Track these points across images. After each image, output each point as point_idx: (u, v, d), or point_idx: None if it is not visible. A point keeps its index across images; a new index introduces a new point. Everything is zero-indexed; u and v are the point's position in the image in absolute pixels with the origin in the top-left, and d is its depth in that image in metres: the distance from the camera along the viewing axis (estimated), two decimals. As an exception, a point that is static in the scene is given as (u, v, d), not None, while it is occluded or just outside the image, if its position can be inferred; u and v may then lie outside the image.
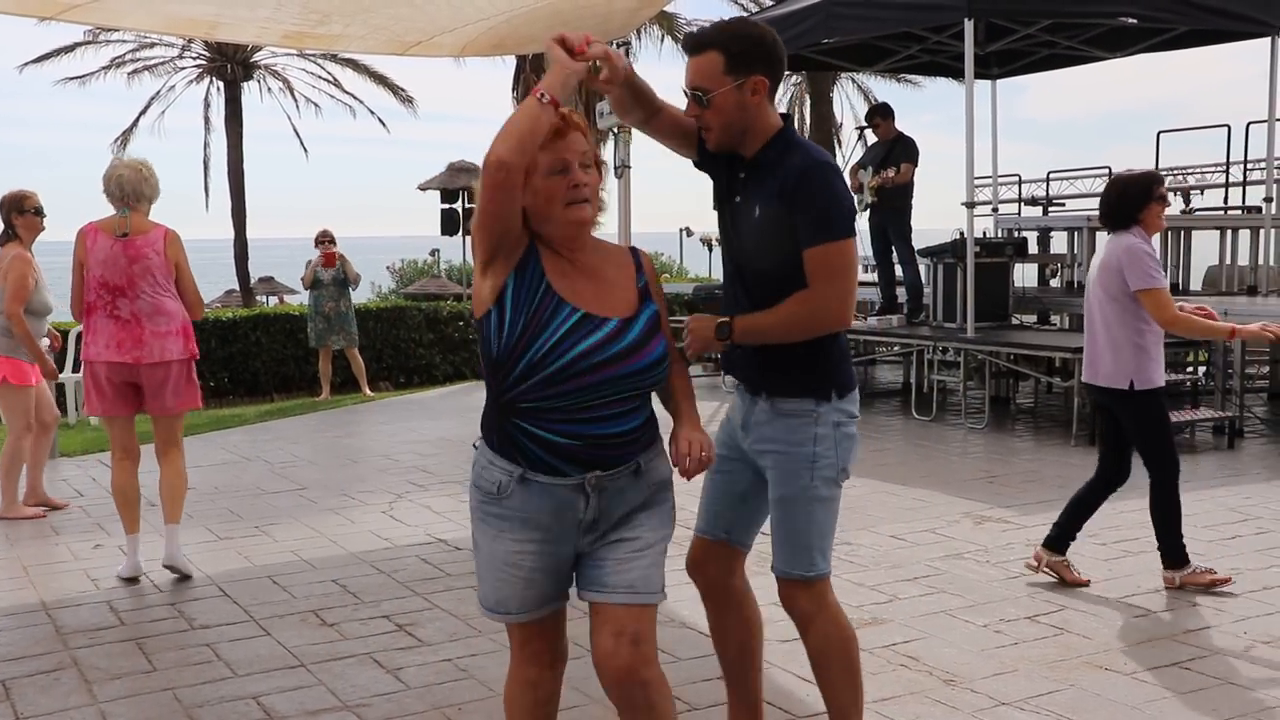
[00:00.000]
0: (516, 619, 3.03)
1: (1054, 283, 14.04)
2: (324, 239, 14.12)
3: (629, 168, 10.06)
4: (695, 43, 3.23)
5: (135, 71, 29.87)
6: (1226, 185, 14.91)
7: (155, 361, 5.94)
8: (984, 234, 12.62)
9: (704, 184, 3.73)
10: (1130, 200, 5.47)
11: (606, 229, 3.10)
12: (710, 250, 20.57)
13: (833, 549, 3.47)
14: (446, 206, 20.05)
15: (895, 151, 11.56)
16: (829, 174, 3.16)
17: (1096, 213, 5.65)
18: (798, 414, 3.29)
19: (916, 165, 11.60)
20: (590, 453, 2.86)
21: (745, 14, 24.87)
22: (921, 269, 11.93)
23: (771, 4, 14.70)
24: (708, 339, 3.27)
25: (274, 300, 33.33)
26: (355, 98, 31.49)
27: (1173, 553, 5.61)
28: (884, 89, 33.02)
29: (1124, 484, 5.77)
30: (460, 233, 19.81)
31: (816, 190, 3.13)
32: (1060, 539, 5.72)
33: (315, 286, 14.04)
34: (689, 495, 3.49)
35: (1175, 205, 16.24)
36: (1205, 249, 13.04)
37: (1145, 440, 5.62)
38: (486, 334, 2.86)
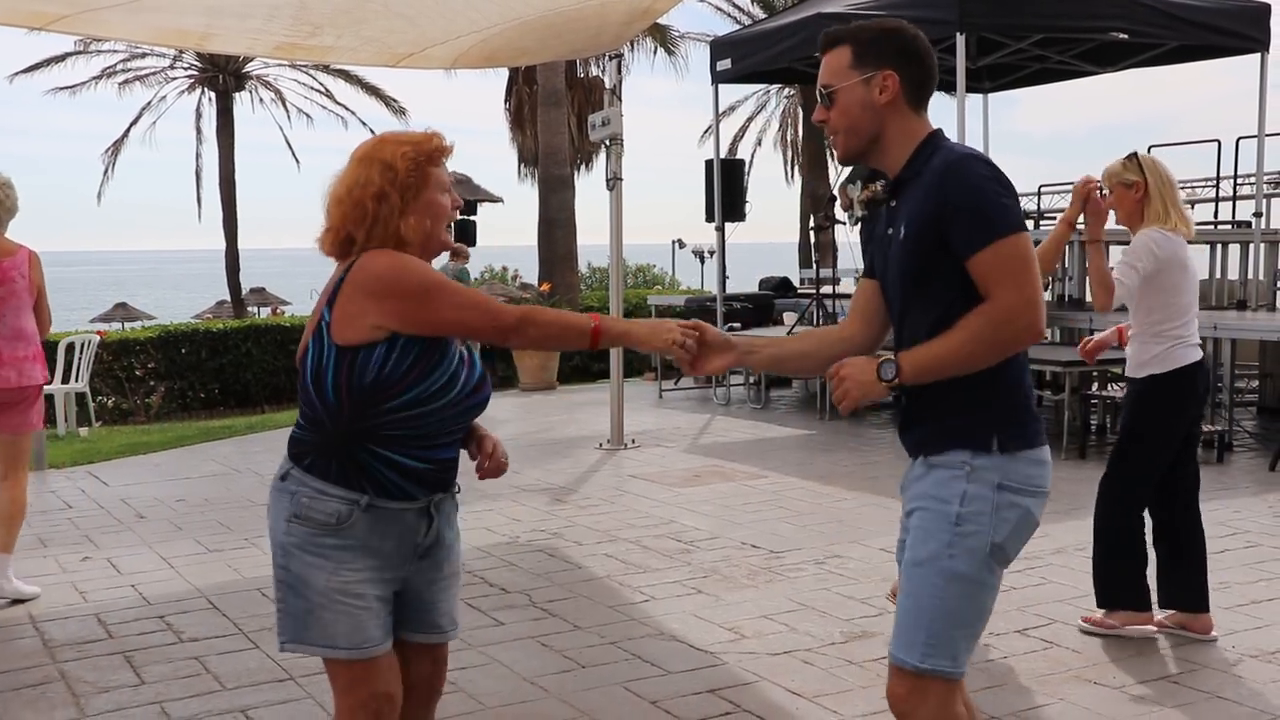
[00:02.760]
0: (367, 653, 2.81)
1: (1045, 296, 14.06)
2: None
3: (621, 179, 10.07)
4: (828, 39, 2.88)
5: (126, 82, 29.87)
6: (1216, 200, 14.96)
7: (15, 386, 5.86)
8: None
9: (696, 196, 3.66)
10: None
11: (599, 239, 3.13)
12: (703, 262, 20.62)
13: (969, 651, 2.75)
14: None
15: None
16: (974, 165, 2.68)
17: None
18: (948, 465, 2.73)
19: None
20: (436, 476, 2.87)
21: (738, 26, 24.92)
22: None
23: (764, 17, 14.76)
24: (869, 384, 2.71)
25: (266, 311, 33.27)
26: (347, 109, 31.51)
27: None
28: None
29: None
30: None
31: (964, 186, 2.65)
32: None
33: None
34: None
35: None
36: (1195, 263, 13.06)
37: None
38: (355, 363, 2.74)
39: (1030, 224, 15.41)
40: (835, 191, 12.67)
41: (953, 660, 2.68)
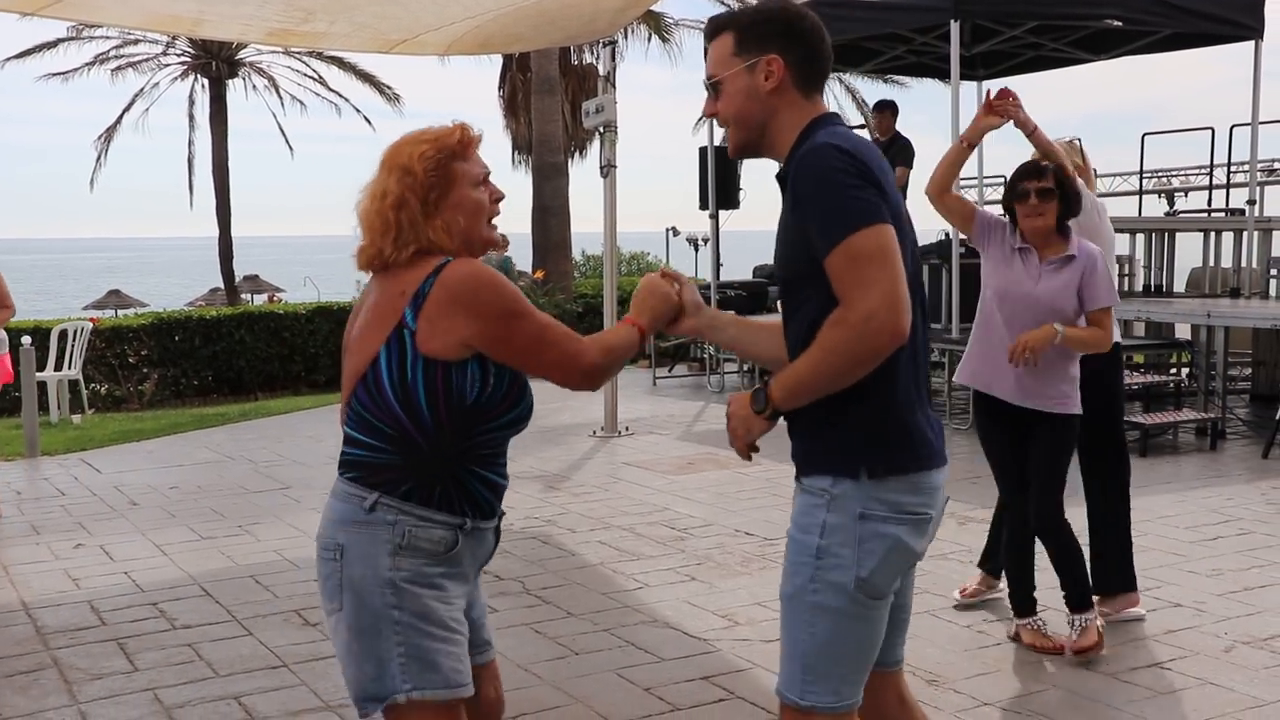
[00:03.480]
0: (469, 690, 2.64)
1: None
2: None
3: (615, 167, 10.05)
4: (711, 26, 2.67)
5: (119, 68, 29.74)
6: (1210, 187, 14.99)
7: None
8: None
9: (690, 183, 3.56)
10: (1006, 206, 4.84)
11: (593, 226, 3.07)
12: (697, 250, 20.60)
13: (859, 681, 2.58)
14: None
15: (890, 153, 11.57)
16: (824, 154, 2.42)
17: None
18: (810, 491, 2.54)
19: (911, 168, 11.62)
20: (502, 493, 2.76)
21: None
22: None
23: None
24: (749, 419, 2.56)
25: (261, 298, 33.23)
26: (341, 96, 31.42)
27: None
28: (870, 89, 33.10)
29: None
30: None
31: (811, 179, 2.43)
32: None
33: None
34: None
35: (1159, 207, 16.35)
36: (1189, 251, 13.09)
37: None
38: (450, 379, 2.52)
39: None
40: None
41: (835, 695, 2.52)
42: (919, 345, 2.54)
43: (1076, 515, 4.97)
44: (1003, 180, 17.43)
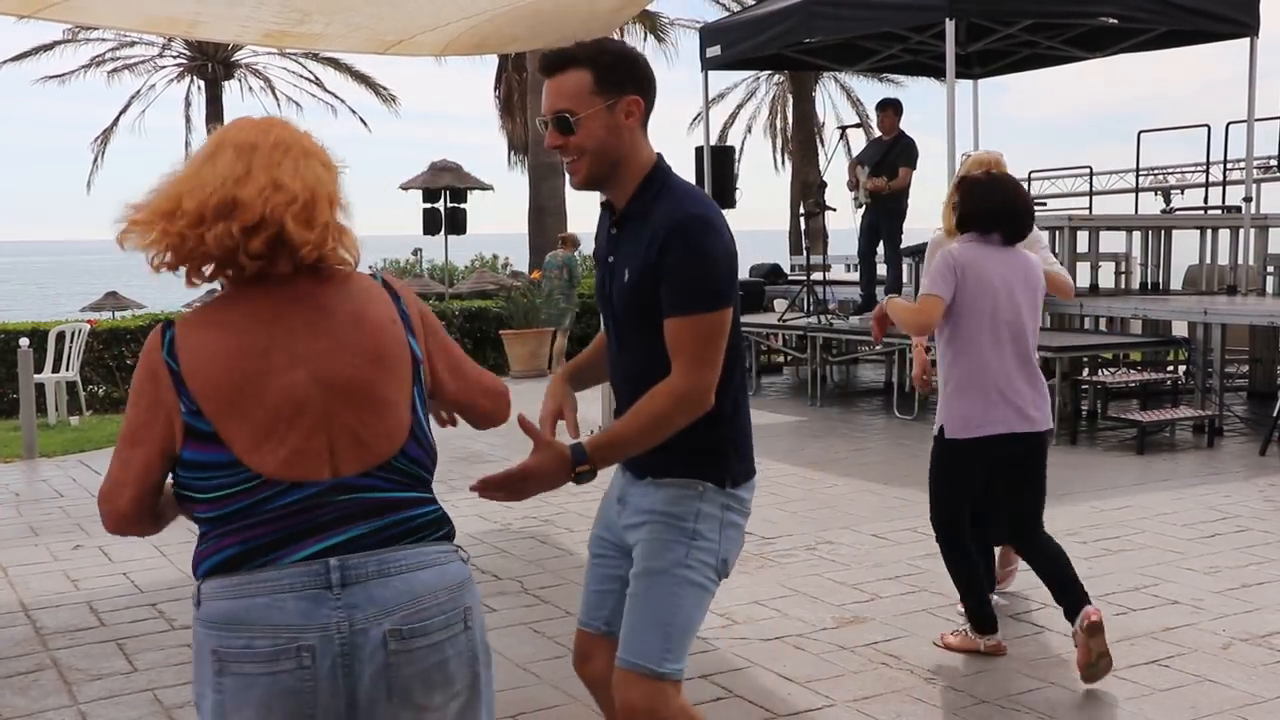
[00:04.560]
0: None
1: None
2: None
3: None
4: (554, 61, 2.72)
5: (115, 70, 29.79)
6: (1206, 185, 15.00)
7: None
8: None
9: None
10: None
11: (589, 226, 3.03)
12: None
13: (686, 655, 2.83)
14: (429, 206, 20.01)
15: (894, 152, 11.58)
16: (705, 231, 2.64)
17: (1078, 212, 5.33)
18: (683, 486, 2.81)
19: (914, 169, 11.63)
20: None
21: (727, 13, 24.88)
22: (903, 269, 11.96)
23: (753, 3, 14.74)
24: (553, 477, 2.61)
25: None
26: (337, 97, 31.54)
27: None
28: (866, 88, 33.16)
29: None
30: (443, 232, 19.77)
31: (690, 251, 2.63)
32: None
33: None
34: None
35: (1155, 205, 16.36)
36: (1185, 248, 13.10)
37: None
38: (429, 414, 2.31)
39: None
40: (846, 169, 12.70)
41: (681, 663, 2.81)
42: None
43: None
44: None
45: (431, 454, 2.24)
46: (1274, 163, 14.99)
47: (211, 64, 29.71)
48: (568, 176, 2.85)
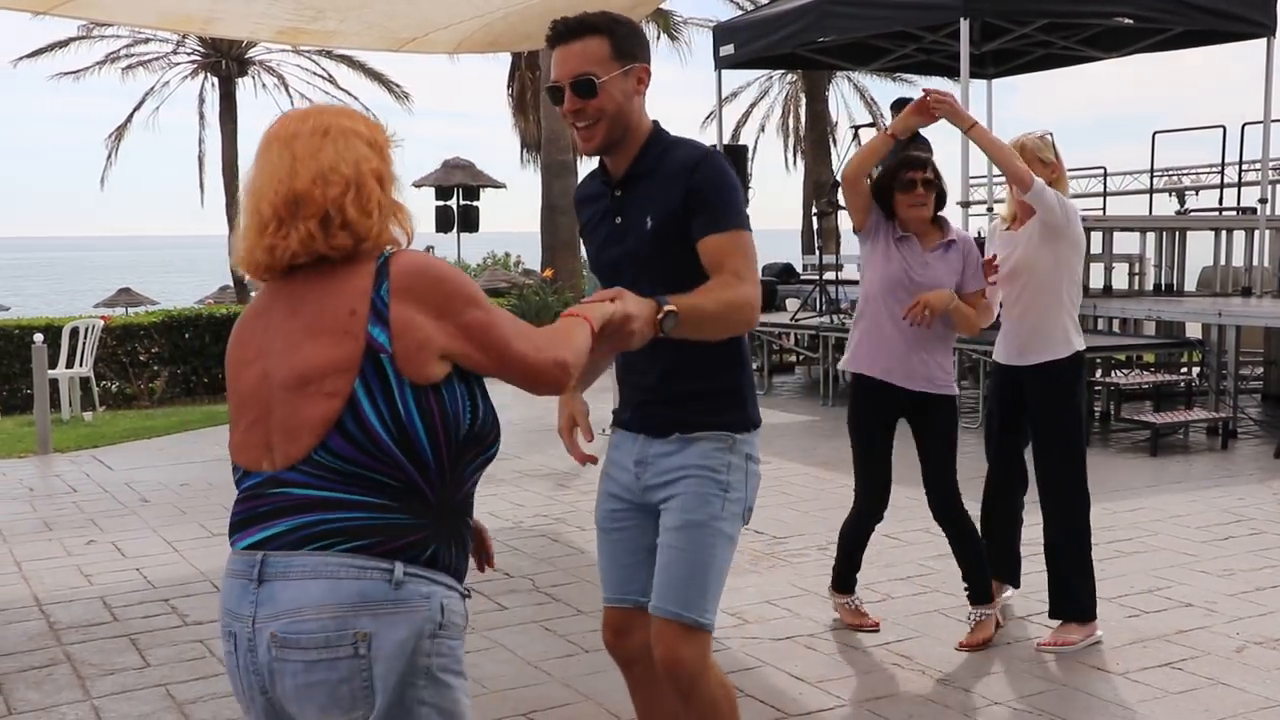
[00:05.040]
0: None
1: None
2: None
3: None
4: (573, 27, 2.78)
5: (130, 67, 29.82)
6: (1221, 186, 14.93)
7: None
8: (979, 233, 12.62)
9: None
10: (882, 195, 4.93)
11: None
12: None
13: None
14: (441, 204, 20.07)
15: (908, 150, 11.54)
16: (721, 161, 2.87)
17: (1092, 213, 5.33)
18: (711, 440, 2.91)
19: None
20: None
21: (741, 12, 24.88)
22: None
23: (766, 2, 14.74)
24: (650, 317, 2.45)
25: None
26: (350, 94, 31.43)
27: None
28: (880, 88, 33.10)
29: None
30: (455, 229, 19.80)
31: (714, 176, 2.80)
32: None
33: None
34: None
35: (1170, 206, 16.30)
36: (1200, 250, 13.05)
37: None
38: (444, 406, 2.08)
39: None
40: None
41: (715, 614, 2.92)
42: None
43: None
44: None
45: (372, 450, 2.03)
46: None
47: (225, 61, 29.74)
48: (579, 143, 2.87)
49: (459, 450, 2.11)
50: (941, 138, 12.02)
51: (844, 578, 5.14)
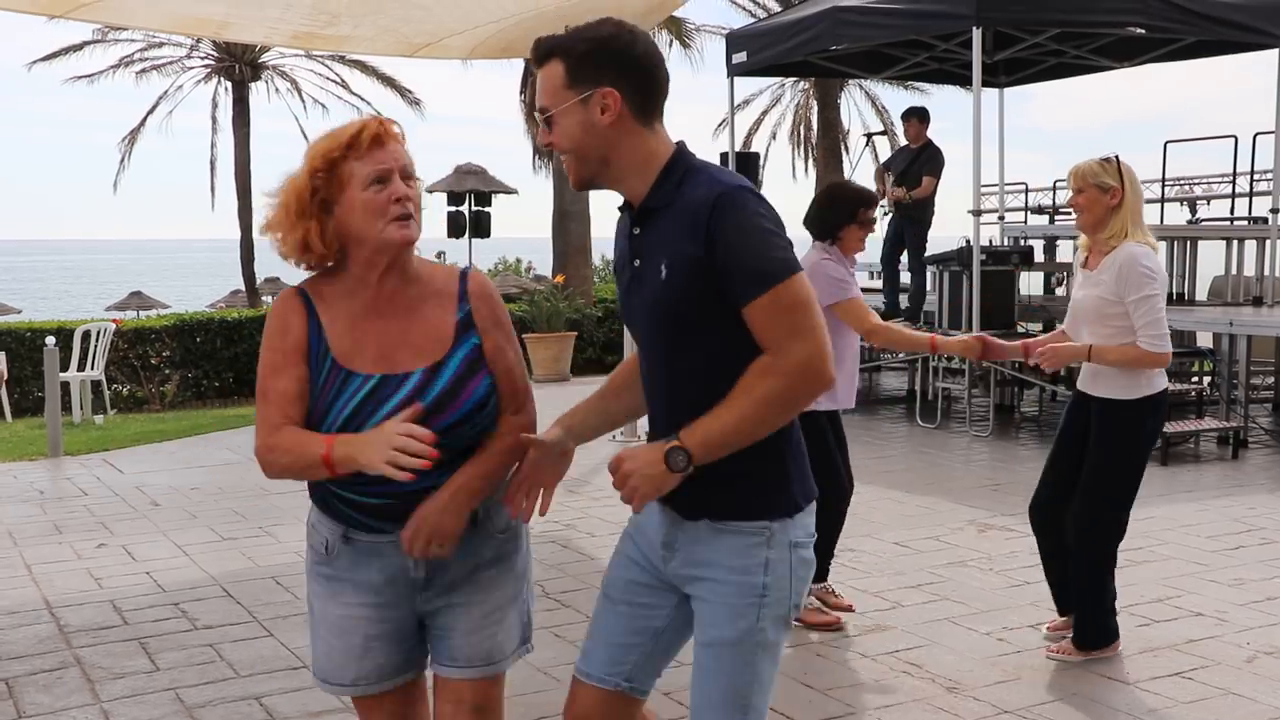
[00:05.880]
0: (352, 691, 2.66)
1: (1059, 291, 14.03)
2: None
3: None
4: (535, 53, 2.48)
5: (143, 71, 29.91)
6: (1233, 196, 14.90)
7: None
8: (990, 242, 12.62)
9: None
10: (832, 217, 5.15)
11: (613, 231, 2.95)
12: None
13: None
14: (453, 209, 20.07)
15: (920, 160, 11.54)
16: (746, 199, 2.36)
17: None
18: (745, 531, 2.45)
19: (939, 179, 11.57)
20: (408, 508, 2.50)
21: (754, 19, 24.90)
22: (928, 277, 11.93)
23: (779, 9, 14.76)
24: (659, 477, 2.35)
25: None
26: (362, 99, 31.51)
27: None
28: (892, 96, 33.06)
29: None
30: (467, 235, 19.82)
31: (737, 225, 2.33)
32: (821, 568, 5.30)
33: None
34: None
35: (1181, 215, 16.27)
36: (1211, 259, 13.02)
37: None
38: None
39: (1046, 219, 15.38)
40: (874, 177, 12.68)
41: None
42: None
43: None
44: (1023, 187, 17.40)
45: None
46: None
47: (239, 65, 29.82)
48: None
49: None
50: (949, 142, 12.02)
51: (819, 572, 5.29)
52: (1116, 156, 4.70)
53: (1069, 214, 15.48)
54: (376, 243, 2.50)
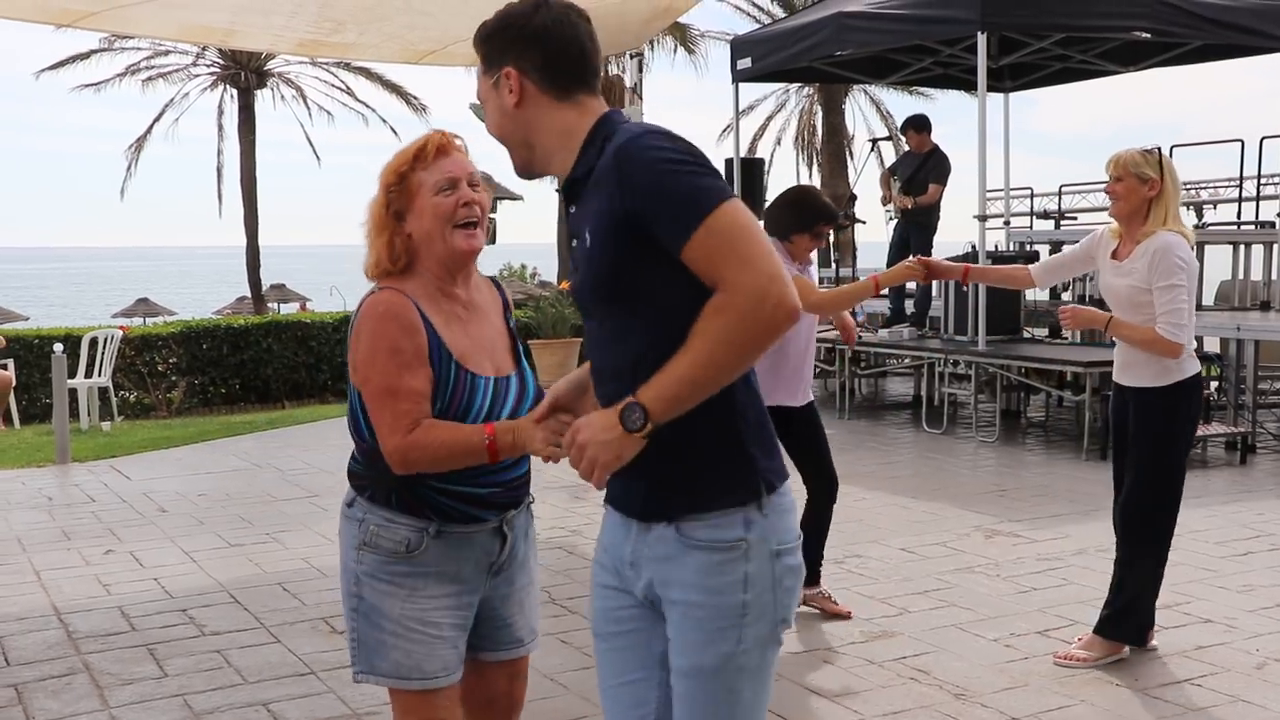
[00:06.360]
0: (436, 683, 2.73)
1: (1065, 296, 14.04)
2: None
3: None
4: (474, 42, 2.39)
5: (150, 79, 30.04)
6: (1239, 200, 14.88)
7: None
8: (996, 247, 12.63)
9: None
10: (790, 219, 5.22)
11: None
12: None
13: None
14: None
15: (927, 166, 11.54)
16: (649, 140, 2.13)
17: (1109, 227, 5.20)
18: (718, 545, 2.17)
19: (945, 185, 11.57)
20: (506, 495, 2.78)
21: (758, 25, 24.92)
22: (932, 282, 11.93)
23: (784, 15, 14.79)
24: (616, 442, 2.11)
25: (289, 307, 33.38)
26: (368, 106, 31.66)
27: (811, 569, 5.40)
28: (896, 101, 33.06)
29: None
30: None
31: (645, 169, 2.10)
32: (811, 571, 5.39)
33: None
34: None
35: (1188, 220, 16.25)
36: (1218, 264, 13.02)
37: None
38: None
39: (1052, 224, 15.37)
40: (879, 183, 12.69)
41: None
42: None
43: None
44: (1028, 192, 17.37)
45: (353, 422, 2.73)
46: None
47: (244, 73, 29.91)
48: None
49: None
50: (953, 148, 12.02)
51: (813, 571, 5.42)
52: (1159, 148, 4.72)
53: (1074, 218, 15.53)
54: (445, 249, 2.66)
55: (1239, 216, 14.73)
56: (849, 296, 5.40)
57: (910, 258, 5.19)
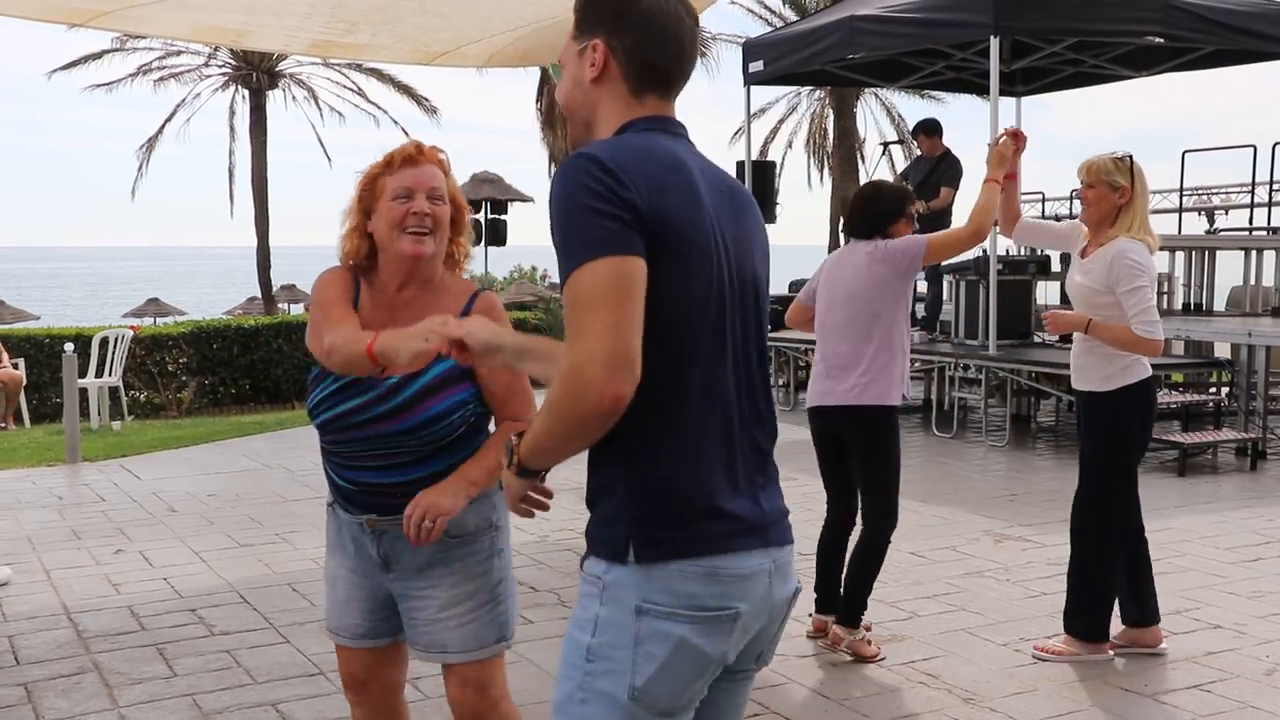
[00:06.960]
0: (335, 639, 3.09)
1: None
2: None
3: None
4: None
5: (162, 79, 30.05)
6: (1251, 205, 14.87)
7: None
8: (1007, 251, 12.60)
9: None
10: (878, 216, 5.02)
11: None
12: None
13: None
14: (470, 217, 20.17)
15: (939, 170, 11.52)
16: (576, 170, 1.94)
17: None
18: (587, 578, 2.02)
19: (957, 189, 11.54)
20: (365, 498, 2.91)
21: (771, 29, 24.92)
22: (944, 286, 11.91)
23: (795, 19, 14.78)
24: (514, 483, 2.12)
25: (298, 308, 33.43)
26: (379, 107, 31.63)
27: (854, 607, 4.95)
28: (908, 105, 33.04)
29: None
30: (484, 244, 19.87)
31: (556, 197, 1.95)
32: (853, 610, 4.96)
33: None
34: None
35: (1199, 225, 16.23)
36: (1229, 269, 12.99)
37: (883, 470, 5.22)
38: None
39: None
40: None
41: None
42: (734, 391, 2.06)
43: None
44: (1040, 196, 17.34)
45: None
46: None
47: (256, 73, 29.94)
48: None
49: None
50: (965, 151, 11.99)
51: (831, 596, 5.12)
52: (1130, 156, 4.78)
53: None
54: (393, 251, 2.86)
55: (1251, 222, 14.70)
56: (986, 208, 4.96)
57: (1000, 134, 5.08)
